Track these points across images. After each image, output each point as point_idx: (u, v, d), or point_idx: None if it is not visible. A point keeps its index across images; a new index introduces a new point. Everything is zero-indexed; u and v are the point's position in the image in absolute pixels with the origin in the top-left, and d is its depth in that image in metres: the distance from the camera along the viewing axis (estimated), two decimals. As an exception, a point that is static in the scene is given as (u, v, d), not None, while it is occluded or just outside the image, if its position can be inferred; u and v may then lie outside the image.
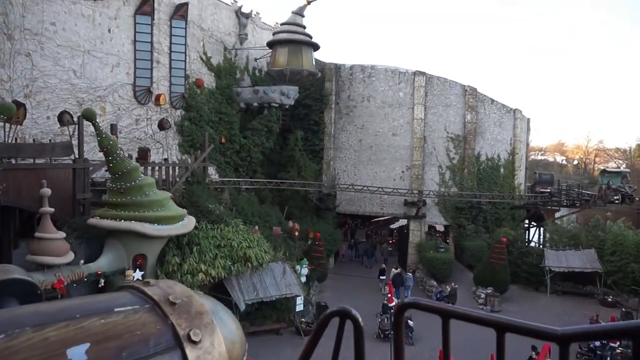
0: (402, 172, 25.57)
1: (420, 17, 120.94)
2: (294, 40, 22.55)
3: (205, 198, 16.19)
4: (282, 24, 23.62)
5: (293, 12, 23.57)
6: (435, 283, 21.64)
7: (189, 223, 12.74)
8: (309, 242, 21.31)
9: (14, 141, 11.95)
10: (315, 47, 23.49)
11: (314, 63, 23.73)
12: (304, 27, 23.45)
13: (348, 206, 26.40)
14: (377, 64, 26.08)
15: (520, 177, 28.94)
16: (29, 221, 13.58)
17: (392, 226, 31.26)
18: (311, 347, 1.09)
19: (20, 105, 11.89)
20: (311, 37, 23.32)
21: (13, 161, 11.58)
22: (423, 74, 25.43)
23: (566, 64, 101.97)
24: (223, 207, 16.46)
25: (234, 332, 1.18)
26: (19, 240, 13.09)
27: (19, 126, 12.27)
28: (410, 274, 22.60)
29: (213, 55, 22.72)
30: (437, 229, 27.46)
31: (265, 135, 24.27)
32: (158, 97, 19.24)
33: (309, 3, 23.19)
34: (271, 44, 23.51)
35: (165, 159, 18.89)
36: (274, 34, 23.78)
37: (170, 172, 16.31)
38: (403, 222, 28.30)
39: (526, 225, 29.51)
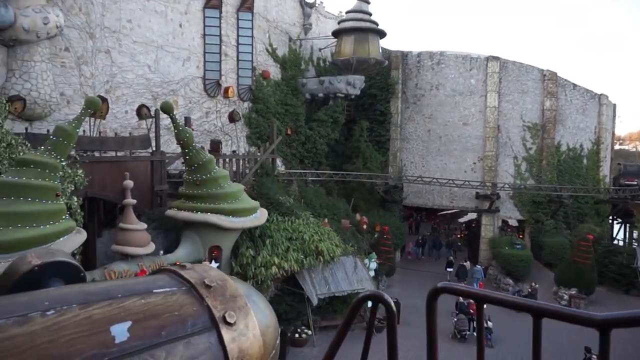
0: (474, 163, 24.30)
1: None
2: (360, 28, 21.94)
3: (275, 190, 16.12)
4: (347, 12, 23.07)
5: (358, 0, 22.93)
6: (511, 281, 20.40)
7: (261, 215, 12.64)
8: (376, 235, 20.80)
9: (97, 135, 12.38)
10: (382, 34, 22.74)
11: (380, 51, 22.99)
12: (370, 14, 22.77)
13: (415, 199, 25.54)
14: (447, 50, 24.85)
15: (606, 169, 26.65)
16: (111, 212, 14.12)
17: (461, 220, 29.92)
18: (344, 329, 1.10)
19: (103, 100, 12.28)
20: (377, 25, 22.61)
21: (97, 154, 11.99)
22: (497, 59, 23.91)
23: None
24: (292, 200, 16.31)
25: (267, 316, 1.18)
26: (102, 230, 13.64)
27: (101, 120, 12.70)
28: (480, 267, 21.54)
29: (278, 47, 22.63)
30: (510, 223, 25.93)
31: (331, 127, 23.90)
32: (227, 89, 19.41)
33: (375, -11, 22.41)
34: (336, 33, 23.04)
35: (234, 151, 19.05)
36: (339, 23, 23.29)
37: (241, 164, 16.37)
38: (472, 215, 27.00)
39: (611, 222, 27.14)
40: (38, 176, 8.13)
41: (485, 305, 0.96)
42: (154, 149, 13.21)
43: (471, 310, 15.54)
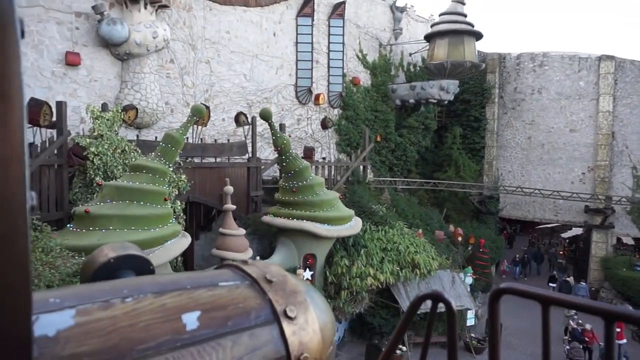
0: (583, 173, 22.03)
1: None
2: (455, 30, 20.92)
3: (366, 198, 15.69)
4: (441, 15, 22.13)
5: (453, 1, 21.92)
6: (630, 307, 18.00)
7: (356, 224, 12.25)
8: (469, 249, 19.55)
9: (199, 141, 12.81)
10: (478, 36, 21.50)
11: (476, 54, 21.75)
12: (465, 16, 21.65)
13: (513, 211, 23.72)
14: (550, 51, 22.90)
15: None
16: (206, 216, 14.58)
17: (565, 235, 27.31)
18: (403, 329, 1.11)
19: (207, 108, 12.71)
20: (473, 26, 21.42)
21: (197, 160, 12.39)
22: (611, 58, 21.54)
23: None
24: (385, 208, 15.76)
25: (325, 313, 1.21)
26: (200, 233, 14.11)
27: (202, 128, 13.14)
28: (585, 284, 19.40)
29: (369, 53, 22.29)
30: (625, 241, 23.09)
31: (422, 133, 23.01)
32: (317, 96, 19.41)
33: (472, -12, 21.28)
34: (429, 37, 22.19)
35: (324, 158, 18.94)
36: (432, 26, 22.42)
37: (332, 171, 16.16)
38: (577, 231, 24.53)
39: None
40: (149, 181, 8.42)
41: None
42: (250, 155, 13.40)
43: (586, 338, 13.86)
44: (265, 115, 10.90)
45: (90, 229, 7.67)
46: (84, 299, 0.91)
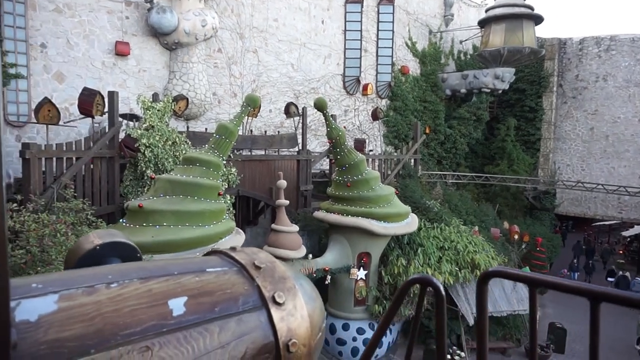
0: (652, 167, 20.33)
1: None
2: (513, 14, 19.59)
3: (419, 193, 14.89)
4: (497, -2, 20.81)
5: (511, -17, 20.52)
6: None
7: (412, 222, 11.53)
8: (523, 247, 18.39)
9: (249, 133, 12.38)
10: (538, 20, 20.07)
11: (535, 40, 20.33)
12: (525, -1, 20.25)
13: (572, 207, 22.24)
14: (619, 34, 21.14)
15: None
16: (252, 210, 14.21)
17: (625, 233, 25.50)
18: (392, 313, 1.14)
19: (254, 98, 12.26)
20: (533, 9, 20.00)
21: (247, 152, 11.96)
22: (687, 41, 19.67)
23: None
24: (439, 204, 14.91)
25: (314, 299, 1.21)
26: (246, 227, 13.76)
27: (252, 119, 12.70)
28: None
29: (418, 40, 21.29)
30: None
31: (473, 125, 21.82)
32: (365, 86, 18.66)
33: (532, -31, 19.85)
34: (483, 22, 20.94)
35: (371, 151, 18.21)
36: (486, 11, 21.12)
37: (383, 165, 15.44)
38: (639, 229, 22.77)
39: None
40: (203, 174, 8.01)
41: None
42: (300, 147, 12.88)
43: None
44: (321, 105, 10.31)
45: (144, 224, 7.32)
46: (68, 284, 0.91)
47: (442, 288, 1.04)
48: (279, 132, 13.42)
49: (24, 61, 10.52)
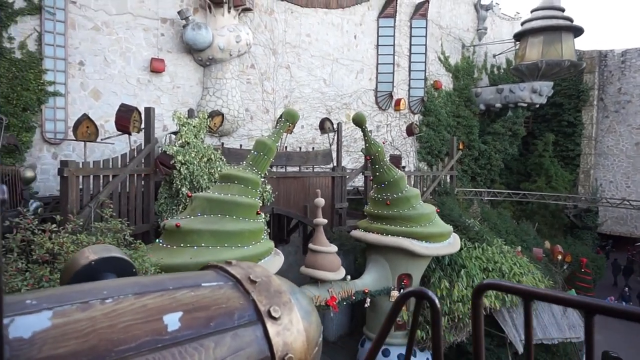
0: None
1: None
2: (551, 26, 18.98)
3: (457, 211, 14.26)
4: (533, 11, 20.24)
5: (548, -6, 19.98)
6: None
7: (454, 242, 10.94)
8: (565, 268, 17.42)
9: (284, 149, 12.11)
10: (578, 32, 19.40)
11: (575, 52, 19.63)
12: (563, 10, 19.63)
13: (616, 226, 21.15)
14: (663, 45, 20.24)
15: None
16: (285, 228, 13.84)
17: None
18: (387, 327, 1.11)
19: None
20: (572, 21, 19.35)
21: (282, 169, 11.66)
22: None
23: None
24: (479, 223, 14.25)
25: (310, 313, 1.19)
26: (278, 246, 13.39)
27: (287, 135, 12.44)
28: None
29: (451, 55, 20.86)
30: None
31: (509, 140, 21.12)
32: (398, 101, 18.27)
33: (570, -20, 19.23)
34: (519, 35, 20.38)
35: (404, 167, 17.71)
36: (522, 23, 20.58)
37: (418, 181, 14.92)
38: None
39: None
40: (241, 192, 7.70)
41: None
42: (335, 164, 12.51)
43: None
44: (360, 121, 9.96)
45: (182, 245, 7.03)
46: (62, 300, 0.89)
47: (437, 301, 1.03)
48: (313, 148, 13.11)
49: (63, 79, 10.54)
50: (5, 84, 9.38)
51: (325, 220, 9.46)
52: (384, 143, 11.67)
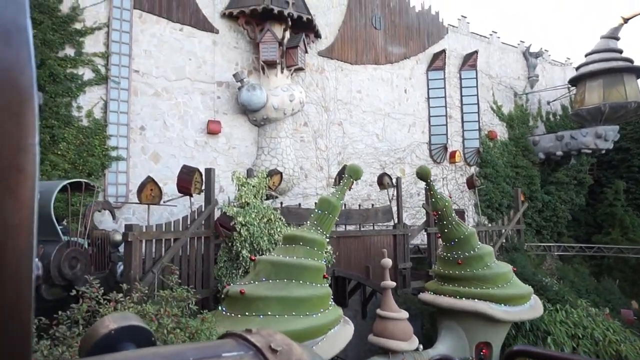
0: None
1: None
2: (611, 68, 18.17)
3: (529, 269, 13.07)
4: (588, 54, 19.57)
5: (603, 37, 19.34)
6: None
7: (536, 304, 9.82)
8: (655, 331, 15.40)
9: (343, 207, 11.64)
10: (640, 73, 18.46)
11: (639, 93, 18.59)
12: (621, 52, 18.84)
13: None
14: None
15: None
16: (344, 290, 13.06)
17: None
18: None
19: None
20: (632, 62, 18.48)
21: (341, 228, 11.13)
22: None
23: None
24: (556, 281, 12.95)
25: None
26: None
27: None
28: None
29: (503, 104, 20.26)
30: None
31: (574, 190, 19.79)
32: (453, 154, 17.64)
33: (626, 21, 18.62)
34: (575, 80, 19.61)
35: (463, 222, 16.74)
36: (577, 68, 19.87)
37: (484, 237, 13.92)
38: None
39: None
40: (307, 255, 7.19)
41: None
42: (396, 221, 11.87)
43: None
44: (425, 174, 9.42)
45: (247, 314, 6.50)
46: None
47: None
48: (373, 205, 12.58)
49: (125, 144, 10.74)
50: (73, 151, 9.59)
51: (394, 283, 8.74)
52: (449, 196, 10.98)
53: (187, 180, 8.39)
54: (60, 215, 8.01)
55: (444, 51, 17.64)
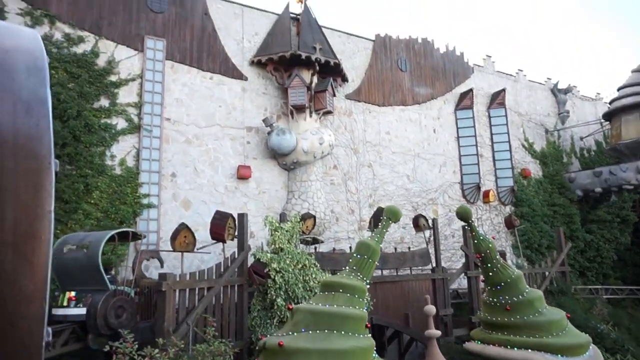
0: None
1: None
2: (646, 102, 17.65)
3: (579, 314, 12.15)
4: (620, 88, 19.13)
5: (634, 71, 18.97)
6: None
7: (596, 354, 8.93)
8: None
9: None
10: (678, 105, 17.84)
11: (679, 126, 17.90)
12: (656, 85, 18.35)
13: None
14: None
15: None
16: (380, 338, 12.33)
17: None
18: None
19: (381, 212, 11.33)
20: (669, 95, 17.93)
21: (377, 273, 10.64)
22: None
23: None
24: (610, 328, 11.98)
25: None
26: None
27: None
28: None
29: (535, 141, 19.79)
30: None
31: (618, 228, 18.81)
32: (486, 193, 17.09)
33: (658, 55, 18.19)
34: (610, 115, 19.10)
35: (502, 264, 15.91)
36: (610, 102, 19.39)
37: (527, 280, 13.12)
38: None
39: None
40: (348, 303, 6.74)
41: None
42: (434, 265, 11.31)
43: None
44: (466, 214, 8.99)
45: (286, 368, 6.03)
46: None
47: None
48: (409, 248, 12.08)
49: (156, 191, 10.71)
50: (106, 199, 9.58)
51: (439, 332, 8.15)
52: (493, 238, 10.38)
53: (221, 226, 8.19)
54: (109, 264, 7.94)
55: (471, 90, 17.51)
